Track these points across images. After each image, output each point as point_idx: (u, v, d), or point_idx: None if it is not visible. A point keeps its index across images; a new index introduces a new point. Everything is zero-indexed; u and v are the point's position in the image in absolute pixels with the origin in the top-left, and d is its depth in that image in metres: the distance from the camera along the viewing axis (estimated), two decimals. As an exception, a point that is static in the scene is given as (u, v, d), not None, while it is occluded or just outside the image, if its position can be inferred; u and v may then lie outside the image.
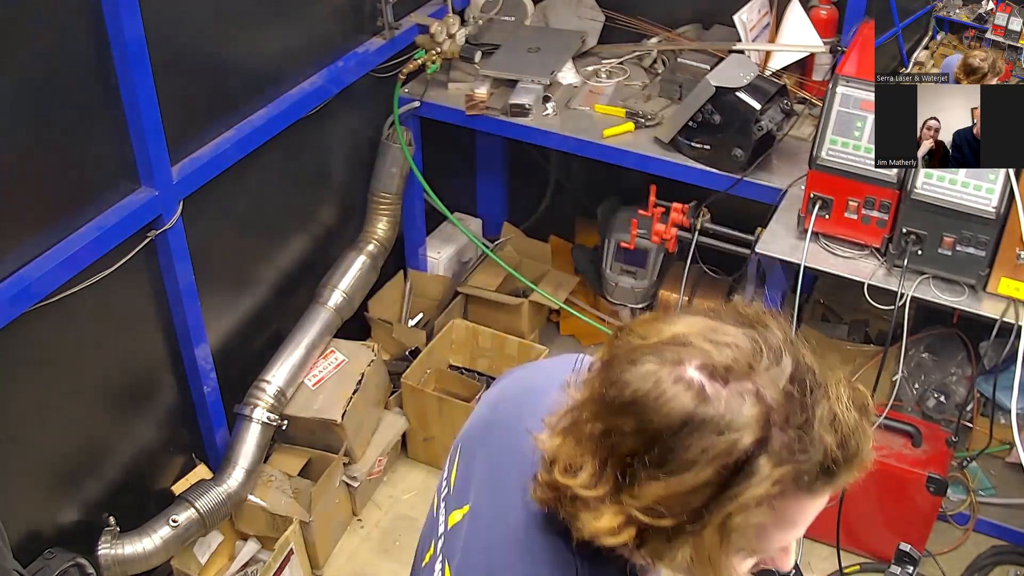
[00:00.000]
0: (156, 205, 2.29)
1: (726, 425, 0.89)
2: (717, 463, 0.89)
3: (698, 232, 2.94)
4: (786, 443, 0.90)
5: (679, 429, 0.89)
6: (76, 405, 2.33)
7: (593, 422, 0.95)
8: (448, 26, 3.05)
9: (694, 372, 0.91)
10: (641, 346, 0.95)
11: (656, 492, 0.91)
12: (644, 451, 0.91)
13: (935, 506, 2.77)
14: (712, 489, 0.90)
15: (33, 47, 1.98)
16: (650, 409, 0.90)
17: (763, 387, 0.91)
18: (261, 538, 2.77)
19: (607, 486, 0.94)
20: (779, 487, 0.91)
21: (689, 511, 0.91)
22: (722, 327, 0.95)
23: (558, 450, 0.98)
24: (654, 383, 0.91)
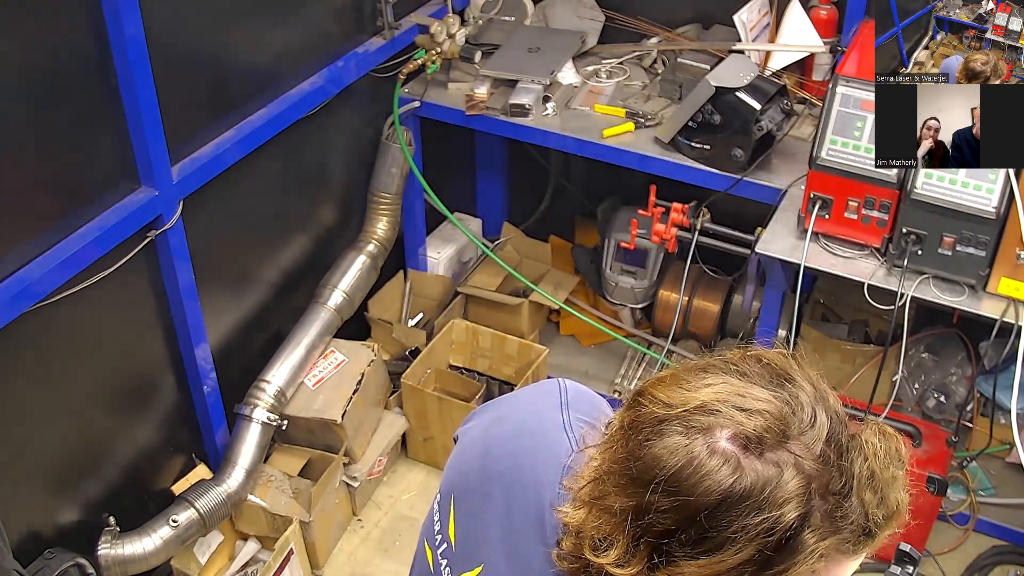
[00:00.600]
0: (156, 205, 2.29)
1: (766, 501, 0.84)
2: (758, 541, 0.84)
3: (698, 232, 2.95)
4: (827, 512, 0.86)
5: (716, 507, 0.84)
6: (76, 405, 2.33)
7: (621, 497, 0.89)
8: (448, 26, 3.05)
9: (727, 444, 0.86)
10: (667, 416, 0.89)
11: (695, 572, 0.86)
12: (679, 530, 0.86)
13: (935, 506, 2.77)
14: (755, 567, 0.85)
15: (33, 47, 1.98)
16: (685, 487, 0.85)
17: (800, 455, 0.86)
18: (261, 538, 2.77)
19: (640, 565, 0.88)
20: (824, 560, 0.87)
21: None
22: (749, 390, 0.89)
23: (584, 523, 0.92)
24: (687, 459, 0.85)
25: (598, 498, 0.91)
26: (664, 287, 3.39)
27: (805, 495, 0.85)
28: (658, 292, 3.39)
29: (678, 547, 0.86)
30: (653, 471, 0.86)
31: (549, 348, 3.33)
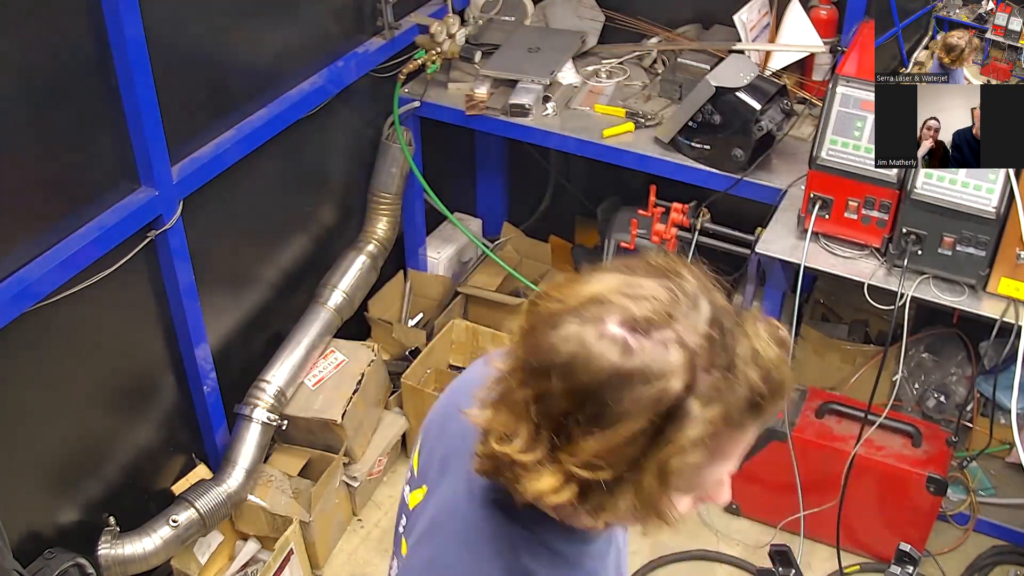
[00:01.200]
0: (156, 205, 2.29)
1: (653, 375, 0.92)
2: (648, 412, 0.92)
3: (698, 232, 2.95)
4: (712, 384, 0.93)
5: (607, 384, 0.92)
6: (76, 405, 2.33)
7: (522, 389, 0.97)
8: (448, 26, 3.05)
9: (616, 328, 0.93)
10: (561, 310, 0.96)
11: (593, 447, 0.93)
12: (576, 410, 0.93)
13: (935, 506, 2.77)
14: (647, 437, 0.92)
15: (33, 47, 1.98)
16: (577, 369, 0.92)
17: (684, 334, 0.94)
18: (261, 538, 2.77)
19: (543, 448, 0.96)
20: (711, 427, 0.93)
21: (627, 461, 0.94)
22: (637, 281, 0.97)
23: (491, 421, 1.00)
24: (578, 344, 0.93)
25: (503, 395, 1.00)
26: (664, 287, 3.39)
27: (690, 368, 0.92)
28: (658, 292, 3.39)
29: (576, 426, 0.93)
30: (549, 359, 0.94)
31: (549, 348, 3.32)
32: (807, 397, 2.94)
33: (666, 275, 0.99)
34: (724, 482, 1.05)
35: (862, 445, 2.69)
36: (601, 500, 0.97)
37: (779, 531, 2.98)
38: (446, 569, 1.12)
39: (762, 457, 2.91)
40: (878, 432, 2.74)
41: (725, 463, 1.02)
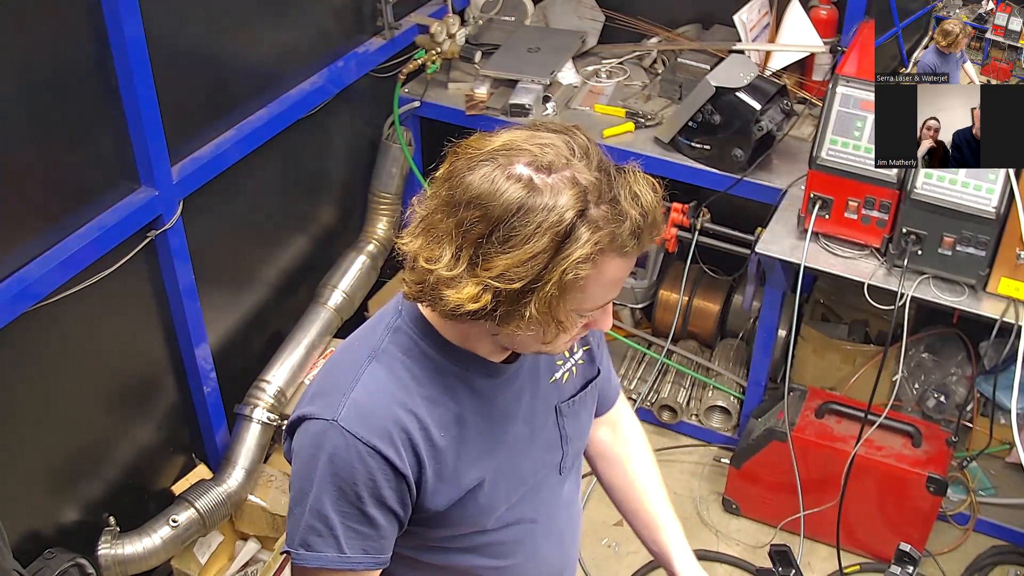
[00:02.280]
0: (156, 205, 2.29)
1: (553, 205, 1.12)
2: (549, 233, 1.12)
3: (698, 232, 2.95)
4: (601, 215, 1.15)
5: (516, 212, 1.12)
6: (76, 405, 2.33)
7: (445, 219, 1.17)
8: (448, 26, 3.05)
9: (523, 169, 1.14)
10: (477, 154, 1.17)
11: (505, 263, 1.13)
12: (490, 233, 1.13)
13: (935, 506, 2.77)
14: (548, 254, 1.13)
15: (33, 47, 1.98)
16: (491, 200, 1.13)
17: (578, 174, 1.15)
18: (261, 538, 2.77)
19: (464, 264, 1.16)
20: (599, 246, 1.14)
21: (533, 274, 1.13)
22: (541, 134, 1.18)
23: (419, 249, 1.19)
24: (491, 181, 1.14)
25: (427, 227, 1.19)
26: (664, 287, 3.39)
27: (583, 199, 1.14)
28: (658, 292, 3.40)
29: (490, 246, 1.14)
30: (468, 194, 1.15)
31: (549, 348, 3.32)
32: (807, 397, 2.94)
33: (564, 131, 1.20)
34: (608, 310, 1.27)
35: (862, 445, 2.69)
36: (510, 309, 1.16)
37: (779, 531, 2.98)
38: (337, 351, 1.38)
39: (762, 457, 2.91)
40: (878, 432, 2.74)
41: (610, 288, 1.21)
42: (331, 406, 1.25)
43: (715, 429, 3.30)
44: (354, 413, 1.24)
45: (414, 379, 1.28)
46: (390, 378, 1.27)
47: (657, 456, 1.81)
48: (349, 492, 1.24)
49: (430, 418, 1.27)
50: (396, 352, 1.29)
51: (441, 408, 1.28)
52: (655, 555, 1.68)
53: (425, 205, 1.22)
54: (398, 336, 1.30)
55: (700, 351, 3.42)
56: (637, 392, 3.36)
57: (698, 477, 3.22)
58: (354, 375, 1.27)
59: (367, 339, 1.32)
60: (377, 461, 1.23)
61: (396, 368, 1.28)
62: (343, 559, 1.27)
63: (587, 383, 1.48)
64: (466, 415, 1.30)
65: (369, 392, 1.26)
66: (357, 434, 1.23)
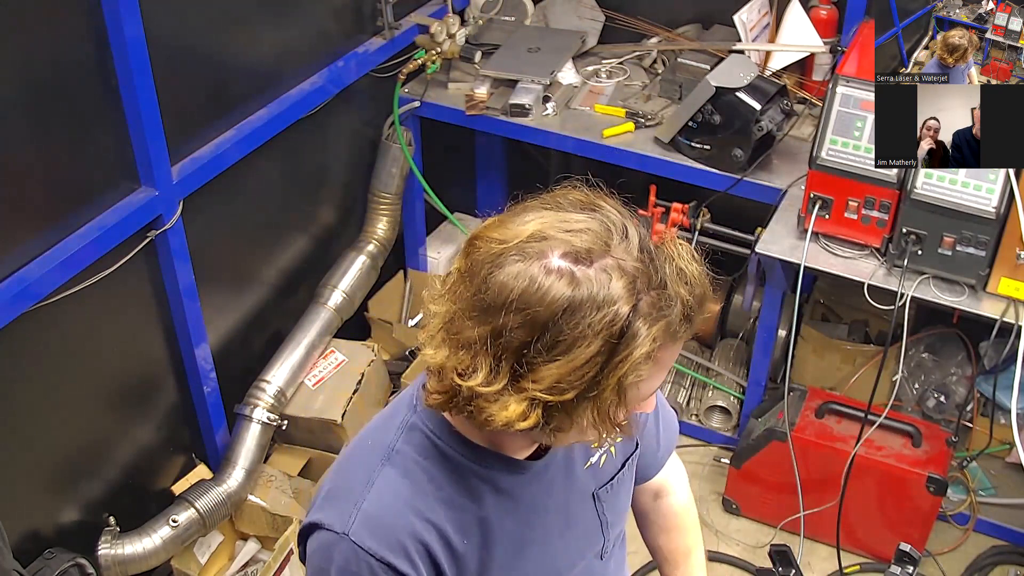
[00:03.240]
0: (156, 205, 2.29)
1: (602, 301, 0.99)
2: (603, 335, 1.00)
3: (698, 232, 2.95)
4: (653, 303, 1.02)
5: (562, 314, 0.99)
6: (76, 405, 2.33)
7: (477, 326, 1.03)
8: (448, 26, 3.05)
9: (560, 261, 1.00)
10: (501, 249, 1.03)
11: (555, 373, 1.00)
12: (534, 341, 1.00)
13: (935, 506, 2.77)
14: (603, 357, 1.00)
15: (33, 47, 1.98)
16: (531, 303, 0.99)
17: (622, 260, 1.02)
18: (261, 538, 2.77)
19: (505, 378, 1.02)
20: (657, 342, 1.03)
21: (587, 381, 1.01)
22: (569, 216, 1.05)
23: (446, 360, 1.06)
24: (528, 280, 1.00)
25: (454, 335, 1.05)
26: (664, 287, 3.39)
27: (633, 290, 1.01)
28: (658, 292, 3.39)
29: (536, 355, 1.01)
30: (502, 297, 1.00)
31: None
32: (807, 397, 2.94)
33: (592, 208, 1.06)
34: (654, 392, 1.14)
35: (862, 445, 2.69)
36: (562, 420, 1.05)
37: (779, 531, 2.98)
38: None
39: (762, 457, 2.91)
40: (878, 432, 2.74)
41: (663, 373, 1.11)
42: (342, 516, 1.15)
43: (715, 429, 3.30)
44: (365, 525, 1.14)
45: (431, 481, 1.17)
46: (405, 483, 1.16)
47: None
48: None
49: (449, 524, 1.17)
50: (411, 453, 1.18)
51: (461, 512, 1.18)
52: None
53: (444, 307, 1.07)
54: (413, 435, 1.19)
55: (700, 351, 3.42)
56: (637, 392, 3.36)
57: (698, 477, 3.22)
58: (367, 480, 1.16)
59: (380, 437, 1.21)
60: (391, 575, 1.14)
61: (412, 471, 1.17)
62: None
63: (625, 461, 1.36)
64: (490, 517, 1.20)
65: (382, 501, 1.15)
66: (368, 549, 1.13)
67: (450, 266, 1.11)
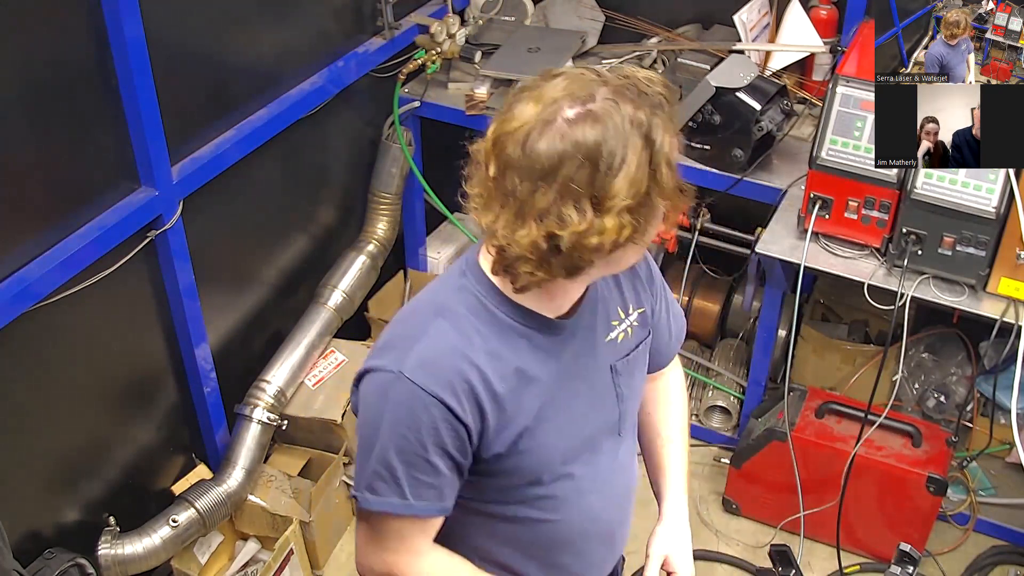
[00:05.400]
0: (156, 205, 2.29)
1: (623, 116, 1.19)
2: (639, 136, 1.20)
3: (698, 232, 2.95)
4: (650, 104, 1.22)
5: (604, 140, 1.18)
6: (76, 405, 2.33)
7: (545, 191, 1.20)
8: (448, 26, 3.05)
9: (573, 110, 1.20)
10: (528, 129, 1.21)
11: (624, 181, 1.19)
12: (596, 171, 1.18)
13: (935, 506, 2.77)
14: (647, 150, 1.20)
15: (33, 47, 1.98)
16: (578, 150, 1.18)
17: (612, 86, 1.22)
18: (261, 538, 2.77)
19: (590, 210, 1.20)
20: (669, 128, 1.23)
21: (648, 173, 1.20)
22: (550, 85, 1.25)
23: (536, 231, 1.21)
24: (562, 136, 1.19)
25: (528, 212, 1.21)
26: (664, 287, 3.39)
27: (636, 101, 1.21)
28: (658, 292, 3.39)
29: (604, 179, 1.19)
30: (552, 160, 1.19)
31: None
32: (807, 397, 2.94)
33: (556, 74, 1.28)
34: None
35: (862, 445, 2.69)
36: (647, 215, 1.23)
37: (779, 531, 2.98)
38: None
39: (762, 457, 2.91)
40: (878, 432, 2.74)
41: (677, 163, 1.26)
42: (398, 358, 1.30)
43: (715, 429, 3.30)
44: (419, 365, 1.29)
45: (478, 333, 1.32)
46: (454, 333, 1.32)
47: (657, 456, 1.81)
48: (413, 441, 1.30)
49: (491, 370, 1.31)
50: (461, 310, 1.34)
51: (502, 362, 1.33)
52: (655, 494, 1.76)
53: (498, 205, 1.26)
54: (463, 295, 1.35)
55: (700, 351, 3.42)
56: (637, 392, 3.36)
57: (698, 477, 3.22)
58: (421, 330, 1.32)
59: (433, 298, 1.38)
60: (440, 410, 1.29)
61: (461, 324, 1.33)
62: (406, 505, 1.34)
63: (639, 343, 1.52)
64: (526, 368, 1.35)
65: (434, 346, 1.31)
66: (422, 384, 1.28)
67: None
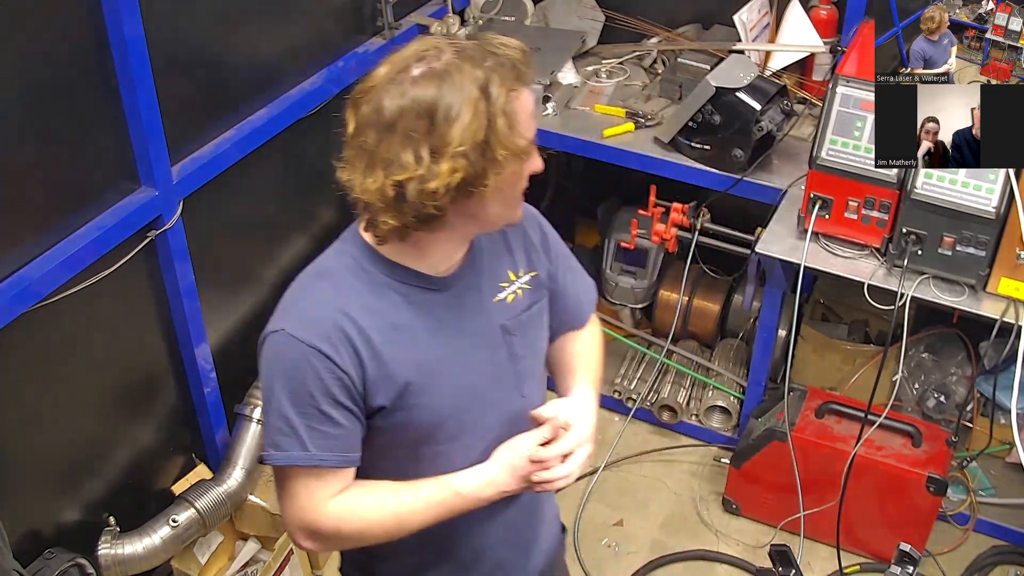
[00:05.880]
0: (156, 205, 2.29)
1: (462, 69, 1.31)
2: (475, 87, 1.31)
3: (698, 232, 2.95)
4: (495, 60, 1.34)
5: (442, 93, 1.30)
6: (76, 405, 2.33)
7: (389, 141, 1.33)
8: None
9: (419, 68, 1.32)
10: (378, 87, 1.35)
11: (460, 128, 1.30)
12: (433, 120, 1.30)
13: (935, 506, 2.77)
14: (484, 101, 1.31)
15: (33, 47, 1.98)
16: (420, 102, 1.31)
17: (457, 46, 1.35)
18: (261, 538, 2.77)
19: (428, 156, 1.31)
20: (508, 79, 1.34)
21: (484, 122, 1.31)
22: (404, 49, 1.37)
23: (384, 179, 1.34)
24: (402, 92, 1.32)
25: (376, 160, 1.34)
26: (664, 287, 3.39)
27: (476, 58, 1.33)
28: (658, 292, 3.39)
29: (441, 128, 1.30)
30: (397, 112, 1.32)
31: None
32: (807, 397, 2.95)
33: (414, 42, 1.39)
34: (536, 151, 1.44)
35: (862, 445, 2.69)
36: (483, 164, 1.32)
37: (779, 531, 2.98)
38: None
39: (762, 457, 2.91)
40: (878, 432, 2.74)
41: (531, 118, 1.40)
42: (282, 319, 1.44)
43: (715, 429, 3.30)
44: (299, 321, 1.42)
45: (353, 289, 1.43)
46: (332, 290, 1.43)
47: (657, 456, 1.82)
48: (302, 391, 1.40)
49: (367, 323, 1.41)
50: (339, 269, 1.46)
51: (379, 316, 1.42)
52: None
53: (354, 153, 1.38)
54: (342, 256, 1.47)
55: (700, 351, 3.42)
56: (637, 392, 3.36)
57: (698, 477, 3.22)
58: (303, 292, 1.46)
59: (317, 264, 1.50)
60: (320, 360, 1.39)
61: (338, 282, 1.44)
62: (309, 456, 1.42)
63: (532, 304, 1.59)
64: (403, 323, 1.44)
65: (313, 303, 1.43)
66: (302, 338, 1.40)
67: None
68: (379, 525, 1.48)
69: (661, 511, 3.13)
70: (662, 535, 3.05)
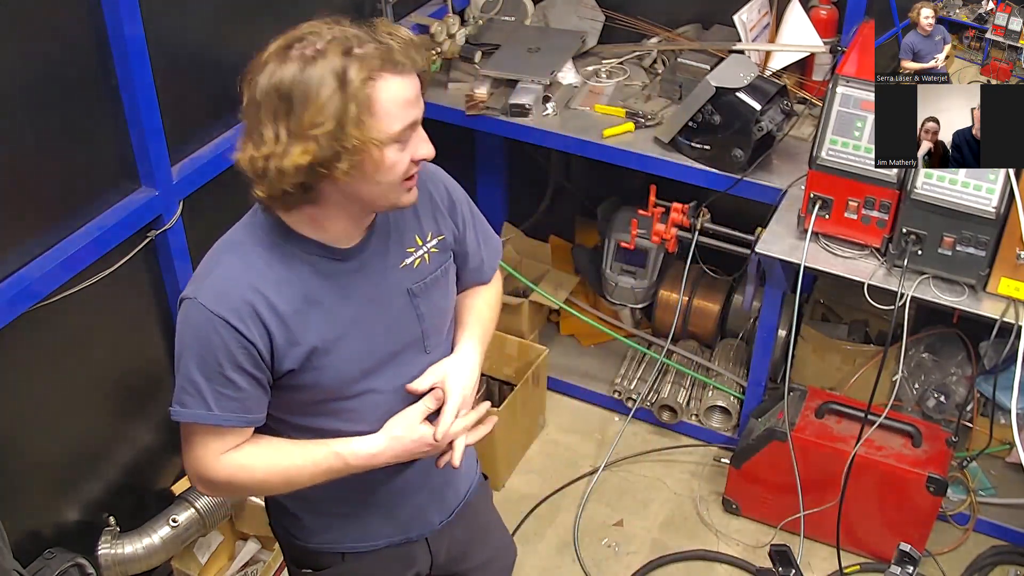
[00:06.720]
0: (156, 205, 2.29)
1: (324, 56, 1.39)
2: (331, 75, 1.38)
3: (698, 232, 2.95)
4: (365, 51, 1.40)
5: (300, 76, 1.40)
6: (76, 405, 2.33)
7: (257, 116, 1.43)
8: (448, 26, 3.05)
9: (291, 51, 1.41)
10: (260, 66, 1.44)
11: (312, 112, 1.38)
12: (290, 102, 1.39)
13: (935, 506, 2.77)
14: (339, 90, 1.38)
15: (33, 47, 1.98)
16: (280, 81, 1.41)
17: (335, 34, 1.43)
18: (261, 538, 2.77)
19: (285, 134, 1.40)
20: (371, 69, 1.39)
21: (336, 108, 1.38)
22: (291, 31, 1.46)
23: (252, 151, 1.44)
24: (271, 73, 1.41)
25: (249, 132, 1.45)
26: (664, 287, 3.39)
27: (345, 44, 1.40)
28: (658, 292, 3.40)
29: (297, 110, 1.39)
30: (264, 90, 1.41)
31: (549, 348, 3.33)
32: (807, 397, 2.95)
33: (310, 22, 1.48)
34: (421, 136, 1.50)
35: (862, 445, 2.69)
36: (337, 148, 1.38)
37: (779, 531, 2.98)
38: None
39: (762, 457, 2.92)
40: (878, 432, 2.74)
41: (405, 106, 1.43)
42: (196, 288, 1.51)
43: (715, 429, 3.30)
44: (211, 293, 1.49)
45: (264, 262, 1.51)
46: (241, 264, 1.51)
47: (657, 456, 1.83)
48: (209, 358, 1.50)
49: (275, 295, 1.50)
50: (249, 243, 1.54)
51: (287, 288, 1.51)
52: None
53: (243, 130, 1.47)
54: (253, 230, 1.55)
55: (700, 351, 3.42)
56: (637, 392, 3.36)
57: (698, 477, 3.22)
58: (215, 263, 1.53)
59: (228, 236, 1.59)
60: (229, 331, 1.48)
61: (248, 256, 1.52)
62: (212, 415, 1.55)
63: (439, 267, 1.69)
64: (312, 293, 1.53)
65: (224, 276, 1.51)
66: (213, 309, 1.48)
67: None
68: (268, 481, 1.62)
69: (661, 511, 3.13)
70: (662, 535, 3.05)
